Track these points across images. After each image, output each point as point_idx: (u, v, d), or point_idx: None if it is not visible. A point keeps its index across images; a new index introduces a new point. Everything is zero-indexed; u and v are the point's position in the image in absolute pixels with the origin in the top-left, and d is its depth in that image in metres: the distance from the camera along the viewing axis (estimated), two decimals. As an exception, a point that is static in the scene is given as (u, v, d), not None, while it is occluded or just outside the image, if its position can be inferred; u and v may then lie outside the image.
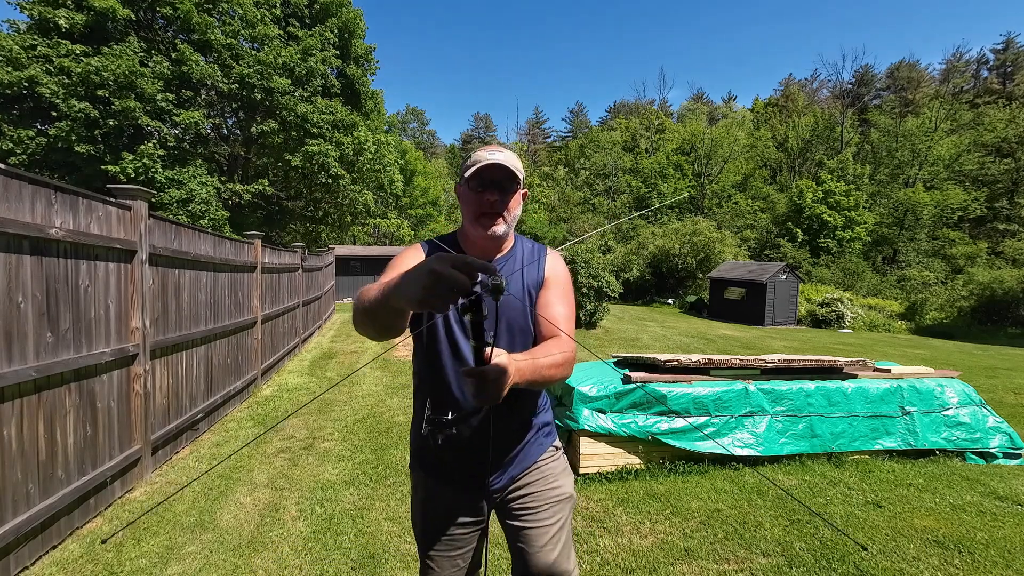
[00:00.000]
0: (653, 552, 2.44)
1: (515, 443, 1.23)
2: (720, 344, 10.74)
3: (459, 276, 0.69)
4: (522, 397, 1.22)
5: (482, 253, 1.22)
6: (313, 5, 17.08)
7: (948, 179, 30.63)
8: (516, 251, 1.27)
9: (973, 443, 3.82)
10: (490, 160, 1.12)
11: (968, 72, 42.96)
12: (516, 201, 1.20)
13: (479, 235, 1.17)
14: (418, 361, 1.25)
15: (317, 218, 19.03)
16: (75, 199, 2.50)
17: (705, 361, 3.80)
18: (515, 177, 1.16)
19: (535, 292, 1.22)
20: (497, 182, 1.14)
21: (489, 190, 1.13)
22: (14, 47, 11.55)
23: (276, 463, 3.54)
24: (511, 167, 1.14)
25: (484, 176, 1.14)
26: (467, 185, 1.17)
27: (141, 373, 3.05)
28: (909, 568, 2.33)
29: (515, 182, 1.16)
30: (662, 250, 23.82)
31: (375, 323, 0.95)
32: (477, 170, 1.13)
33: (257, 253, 5.48)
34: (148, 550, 2.41)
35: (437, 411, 1.16)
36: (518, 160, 1.18)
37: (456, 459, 1.20)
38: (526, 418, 1.26)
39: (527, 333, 1.20)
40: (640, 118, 46.27)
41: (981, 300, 17.47)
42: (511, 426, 1.22)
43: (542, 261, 1.25)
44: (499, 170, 1.13)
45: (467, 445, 1.17)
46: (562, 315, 1.18)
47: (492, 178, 1.14)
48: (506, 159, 1.13)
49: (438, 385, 1.18)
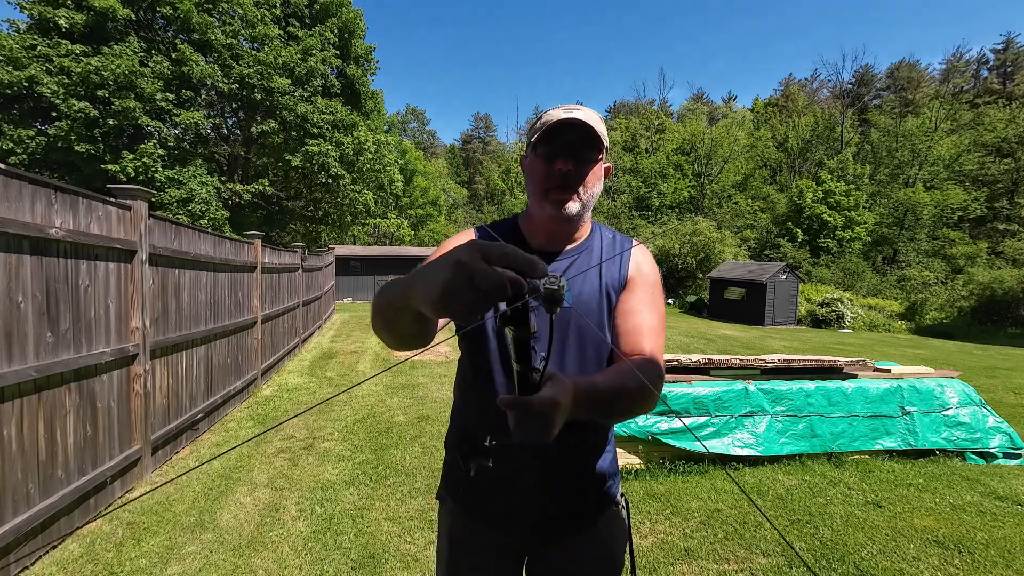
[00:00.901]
0: (653, 552, 2.44)
1: (568, 494, 0.96)
2: (720, 344, 10.74)
3: (493, 273, 0.48)
4: (582, 435, 0.96)
5: (548, 241, 0.98)
6: (313, 5, 17.09)
7: (948, 179, 30.62)
8: (593, 242, 1.01)
9: (973, 443, 3.83)
10: (565, 117, 0.87)
11: (968, 72, 42.94)
12: (596, 175, 0.93)
13: (546, 216, 0.93)
14: (463, 367, 1.03)
15: (317, 218, 19.03)
16: (75, 199, 2.50)
17: (705, 361, 3.80)
18: (596, 143, 0.90)
19: (615, 295, 0.96)
20: (573, 146, 0.89)
21: (561, 158, 0.89)
22: (14, 47, 11.56)
23: (276, 463, 3.54)
24: (593, 128, 0.88)
25: (556, 139, 0.89)
26: (535, 152, 0.93)
27: (141, 373, 3.05)
28: (909, 568, 2.33)
29: (596, 150, 0.90)
30: (662, 250, 23.87)
31: (392, 328, 0.71)
32: (547, 130, 0.89)
33: (257, 253, 5.48)
34: (148, 550, 2.41)
35: (475, 433, 0.96)
36: (601, 122, 0.92)
37: (491, 498, 0.97)
38: (586, 463, 0.98)
39: (604, 348, 0.95)
40: (640, 118, 46.25)
41: (981, 300, 17.47)
42: (563, 473, 0.95)
43: (626, 256, 1.00)
44: (576, 131, 0.88)
45: (506, 486, 0.94)
46: (649, 326, 0.93)
47: (567, 141, 0.89)
48: (587, 117, 0.88)
49: (480, 401, 0.95)
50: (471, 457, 0.94)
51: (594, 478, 0.98)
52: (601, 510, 0.99)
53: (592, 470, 0.98)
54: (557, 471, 0.94)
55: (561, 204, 0.91)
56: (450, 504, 1.04)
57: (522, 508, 0.95)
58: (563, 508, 0.96)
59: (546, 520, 0.96)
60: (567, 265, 0.97)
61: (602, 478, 0.99)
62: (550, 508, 0.95)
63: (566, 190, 0.90)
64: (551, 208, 0.91)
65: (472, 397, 0.99)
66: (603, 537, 1.00)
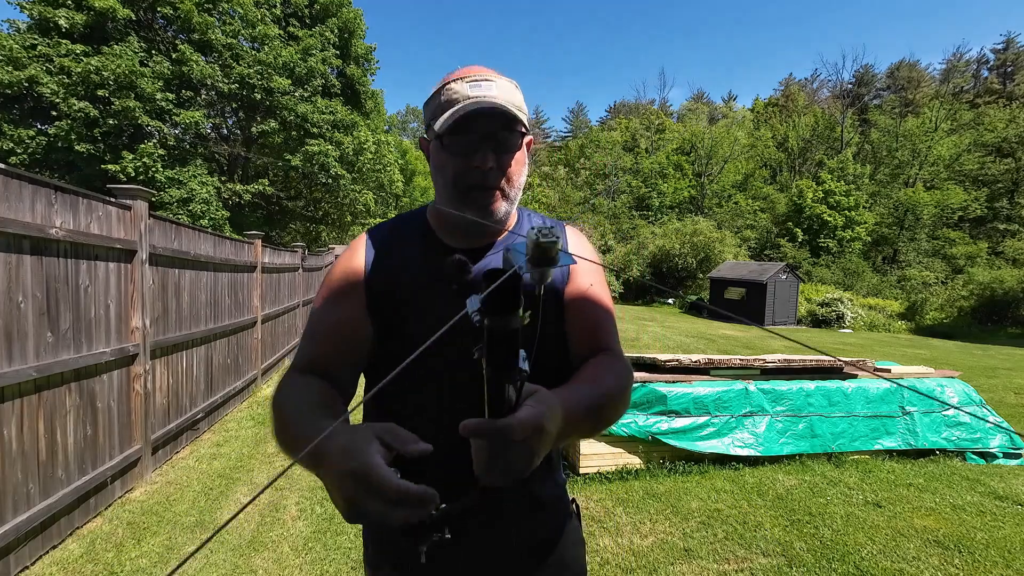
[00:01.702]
0: (653, 552, 2.44)
1: (527, 533, 0.81)
2: (720, 344, 10.73)
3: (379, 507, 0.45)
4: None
5: (467, 239, 0.81)
6: (313, 5, 17.08)
7: (948, 179, 30.62)
8: (523, 229, 0.84)
9: (973, 443, 3.83)
10: (476, 101, 0.69)
11: (968, 72, 42.94)
12: (519, 162, 0.76)
13: (468, 222, 0.76)
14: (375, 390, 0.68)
15: (317, 218, 19.03)
16: (75, 199, 2.50)
17: (705, 361, 3.80)
18: (516, 124, 0.72)
19: (560, 288, 0.81)
20: (490, 135, 0.71)
21: (480, 152, 0.71)
22: (14, 47, 11.55)
23: (276, 463, 3.54)
24: (511, 111, 0.70)
25: (470, 130, 0.70)
26: (441, 142, 0.73)
27: (141, 373, 3.05)
28: (909, 568, 2.33)
29: (517, 132, 0.73)
30: (662, 250, 23.84)
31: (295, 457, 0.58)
32: (458, 120, 0.69)
33: (257, 253, 5.48)
34: (148, 550, 2.41)
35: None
36: (517, 92, 0.75)
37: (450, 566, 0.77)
38: (538, 491, 0.82)
39: (561, 351, 0.81)
40: (640, 118, 46.23)
41: (981, 300, 17.47)
42: (520, 507, 0.80)
43: (563, 243, 0.82)
44: (493, 118, 0.70)
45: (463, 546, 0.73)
46: (605, 318, 0.81)
47: (485, 132, 0.71)
48: (501, 95, 0.71)
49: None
50: (421, 536, 0.60)
51: (549, 503, 0.84)
52: (560, 534, 0.85)
53: (541, 498, 0.83)
54: (514, 510, 0.80)
55: (486, 207, 0.74)
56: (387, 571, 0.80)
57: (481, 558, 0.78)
58: (521, 539, 0.81)
59: (505, 557, 0.80)
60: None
61: (555, 497, 0.85)
62: (507, 543, 0.80)
63: (489, 192, 0.73)
64: (475, 213, 0.73)
65: (419, 422, 0.68)
66: (567, 561, 0.85)
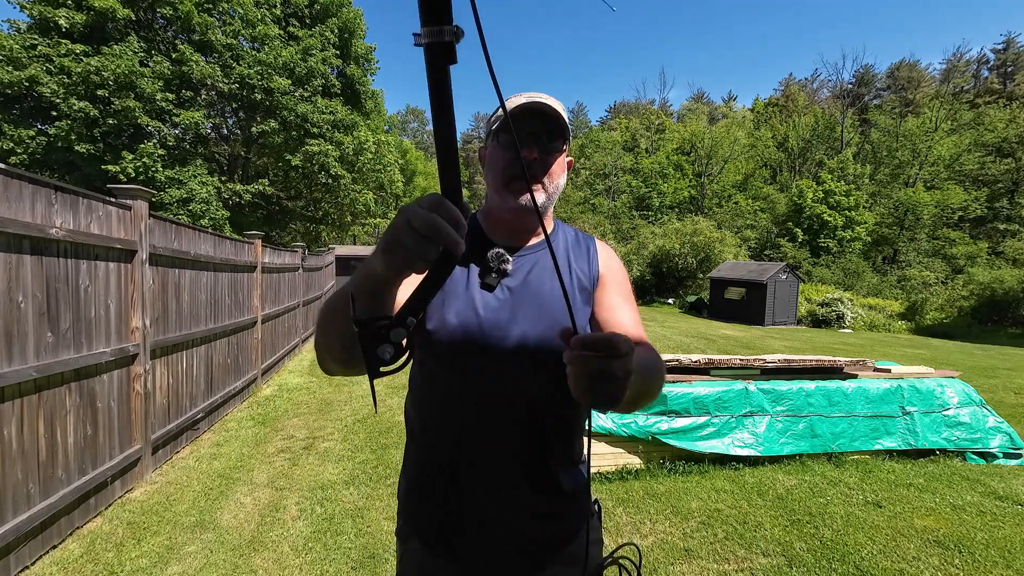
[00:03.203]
0: (653, 552, 2.44)
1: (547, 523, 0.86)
2: (720, 344, 10.73)
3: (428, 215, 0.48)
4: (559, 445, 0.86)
5: (511, 235, 0.92)
6: (313, 5, 17.07)
7: (948, 179, 30.61)
8: (556, 238, 0.95)
9: (973, 443, 3.83)
10: (529, 103, 0.81)
11: (968, 72, 42.92)
12: (560, 166, 0.87)
13: (508, 208, 0.86)
14: (423, 373, 0.91)
15: (317, 218, 19.02)
16: (75, 199, 2.51)
17: (705, 361, 3.80)
18: (561, 131, 0.85)
19: (591, 290, 0.92)
20: (537, 134, 0.83)
21: (526, 146, 0.82)
22: (14, 47, 11.55)
23: (276, 463, 3.54)
24: (559, 115, 0.83)
25: (519, 126, 0.82)
26: (496, 141, 0.86)
27: (141, 373, 3.05)
28: (909, 568, 2.33)
29: (561, 139, 0.85)
30: (662, 250, 23.81)
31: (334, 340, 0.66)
32: (512, 113, 0.81)
33: (257, 253, 5.48)
34: (148, 550, 2.41)
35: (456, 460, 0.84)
36: (564, 112, 0.86)
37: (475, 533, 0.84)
38: (562, 479, 0.86)
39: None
40: (640, 118, 46.25)
41: (981, 300, 17.46)
42: (543, 496, 0.85)
43: (593, 252, 0.96)
44: (541, 118, 0.82)
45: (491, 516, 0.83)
46: (633, 321, 0.90)
47: (532, 129, 0.83)
48: (552, 104, 0.83)
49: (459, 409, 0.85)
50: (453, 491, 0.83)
51: (570, 494, 0.87)
52: (580, 528, 0.88)
53: (564, 491, 0.86)
54: (541, 484, 0.84)
55: (523, 194, 0.84)
56: (416, 544, 0.88)
57: (505, 538, 0.83)
58: (545, 530, 0.85)
59: (527, 546, 0.84)
60: (532, 264, 0.89)
61: (577, 490, 0.88)
62: (531, 532, 0.84)
63: (531, 180, 0.83)
64: (514, 199, 0.84)
65: (453, 407, 0.84)
66: (584, 556, 0.85)
